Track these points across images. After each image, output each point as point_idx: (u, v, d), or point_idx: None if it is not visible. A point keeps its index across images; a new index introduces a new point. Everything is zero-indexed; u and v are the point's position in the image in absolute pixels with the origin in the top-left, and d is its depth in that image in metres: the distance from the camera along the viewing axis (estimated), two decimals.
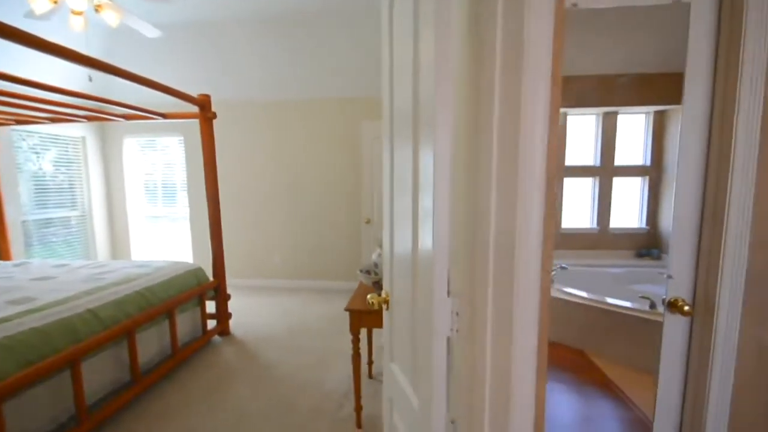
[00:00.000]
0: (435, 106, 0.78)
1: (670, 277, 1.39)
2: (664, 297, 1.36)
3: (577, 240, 2.40)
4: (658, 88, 1.81)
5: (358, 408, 2.19)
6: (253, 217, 5.13)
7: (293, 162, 4.97)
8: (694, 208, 1.33)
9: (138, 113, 3.25)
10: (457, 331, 0.85)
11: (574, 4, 1.10)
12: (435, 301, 0.83)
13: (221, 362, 3.04)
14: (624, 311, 2.79)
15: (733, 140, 1.22)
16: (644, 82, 1.91)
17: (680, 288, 1.37)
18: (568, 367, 2.93)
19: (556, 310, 3.21)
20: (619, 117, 2.33)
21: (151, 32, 3.00)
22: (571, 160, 2.03)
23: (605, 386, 2.55)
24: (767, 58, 1.18)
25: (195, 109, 3.44)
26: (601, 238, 2.33)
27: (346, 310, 2.03)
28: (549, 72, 0.70)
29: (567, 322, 3.15)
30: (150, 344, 2.69)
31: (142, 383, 2.48)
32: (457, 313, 0.85)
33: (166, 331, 2.84)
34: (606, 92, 1.90)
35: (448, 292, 0.84)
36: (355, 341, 2.08)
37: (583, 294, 3.06)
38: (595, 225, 2.21)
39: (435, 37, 0.78)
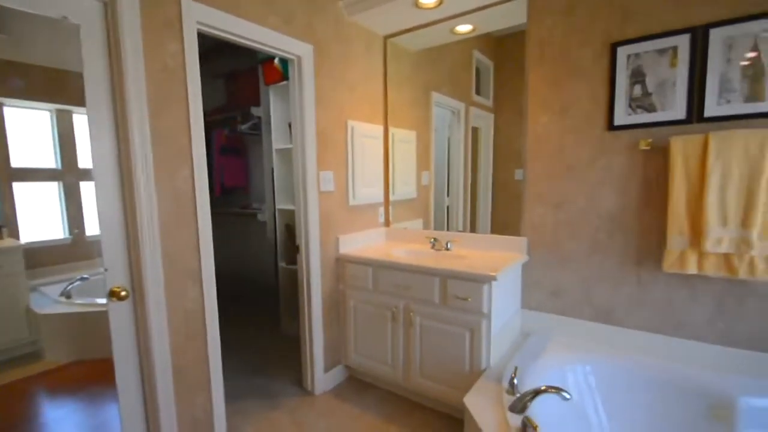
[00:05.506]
0: None
1: (106, 270, 1.46)
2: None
3: (51, 254, 2.02)
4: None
5: None
6: None
7: None
8: (116, 204, 1.47)
9: None
10: None
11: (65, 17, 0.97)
12: None
13: None
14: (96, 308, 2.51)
15: (131, 139, 1.42)
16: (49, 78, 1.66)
17: (117, 277, 1.48)
18: (100, 380, 2.69)
19: (85, 326, 2.84)
20: (79, 117, 2.17)
21: None
22: (26, 161, 1.69)
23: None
24: (144, 75, 1.44)
25: None
26: (78, 248, 2.13)
27: None
28: None
29: (95, 334, 2.87)
30: None
31: None
32: None
33: None
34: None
35: None
36: None
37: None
38: (68, 234, 1.96)
39: None
